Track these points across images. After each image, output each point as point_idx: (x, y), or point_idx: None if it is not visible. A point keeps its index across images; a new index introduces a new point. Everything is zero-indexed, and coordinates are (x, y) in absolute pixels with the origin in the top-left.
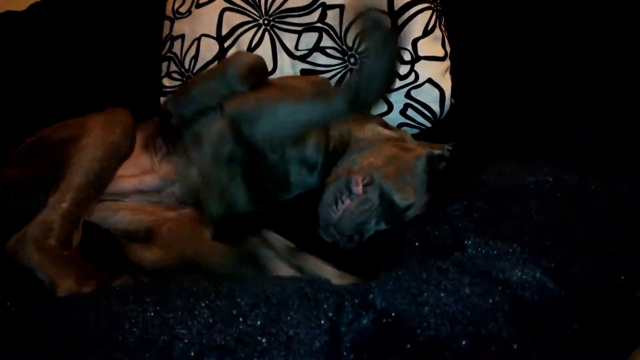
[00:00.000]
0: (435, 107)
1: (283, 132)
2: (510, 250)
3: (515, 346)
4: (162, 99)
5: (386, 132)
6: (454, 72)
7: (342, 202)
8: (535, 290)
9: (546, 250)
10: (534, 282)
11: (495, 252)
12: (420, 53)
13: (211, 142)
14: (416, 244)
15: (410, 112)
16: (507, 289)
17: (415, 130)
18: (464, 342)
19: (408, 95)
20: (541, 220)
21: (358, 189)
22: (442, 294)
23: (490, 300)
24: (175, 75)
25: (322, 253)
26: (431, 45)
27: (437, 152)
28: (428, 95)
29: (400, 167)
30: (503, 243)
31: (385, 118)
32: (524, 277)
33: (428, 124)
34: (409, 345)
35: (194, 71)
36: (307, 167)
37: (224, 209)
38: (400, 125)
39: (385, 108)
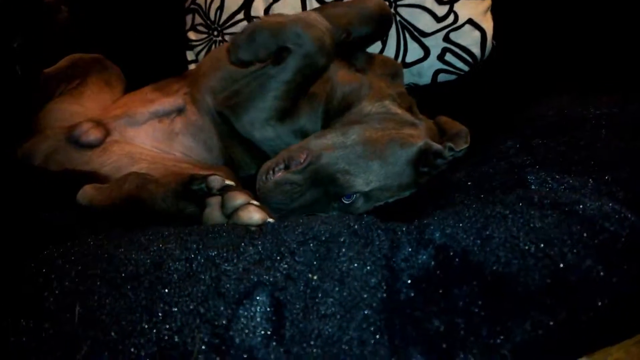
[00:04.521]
0: (476, 50)
1: None
2: (582, 183)
3: (597, 278)
4: (188, 53)
5: (398, 111)
6: (495, 10)
7: (274, 174)
8: (616, 221)
9: (623, 182)
10: (614, 213)
11: (564, 186)
12: None
13: None
14: (468, 183)
15: (448, 56)
16: (585, 220)
17: (453, 76)
18: (539, 276)
19: (447, 38)
20: (613, 151)
21: (295, 167)
22: (510, 227)
23: (568, 232)
24: (201, 28)
25: None
26: None
27: (436, 147)
28: (468, 38)
29: (369, 153)
30: (572, 176)
31: (421, 64)
32: (602, 208)
33: (467, 68)
34: (475, 281)
35: (220, 23)
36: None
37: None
38: (438, 71)
39: (421, 54)
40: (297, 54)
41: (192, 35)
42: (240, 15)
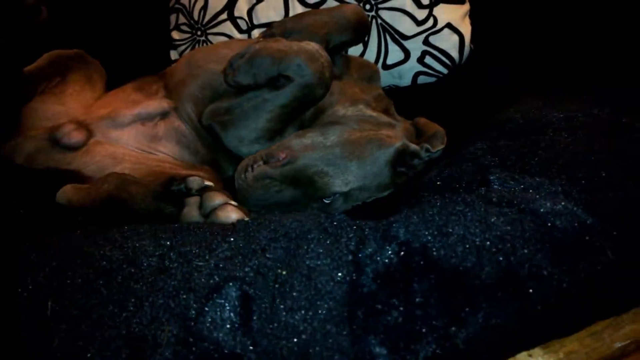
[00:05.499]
0: (454, 54)
1: None
2: (540, 183)
3: (545, 272)
4: (171, 52)
5: (373, 113)
6: (473, 16)
7: (252, 170)
8: (566, 219)
9: (577, 182)
10: (565, 211)
11: (522, 186)
12: None
13: None
14: (438, 183)
15: (428, 59)
16: (538, 218)
17: (433, 79)
18: (491, 270)
19: (426, 41)
20: (571, 153)
21: (273, 164)
22: (468, 224)
23: (520, 229)
24: (185, 28)
25: None
26: None
27: (413, 147)
28: (447, 42)
29: (347, 153)
30: (531, 177)
31: (401, 67)
32: (555, 207)
33: (446, 71)
34: (433, 275)
35: (204, 23)
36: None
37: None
38: (418, 74)
39: (402, 56)
40: (297, 84)
41: (175, 34)
42: (224, 15)
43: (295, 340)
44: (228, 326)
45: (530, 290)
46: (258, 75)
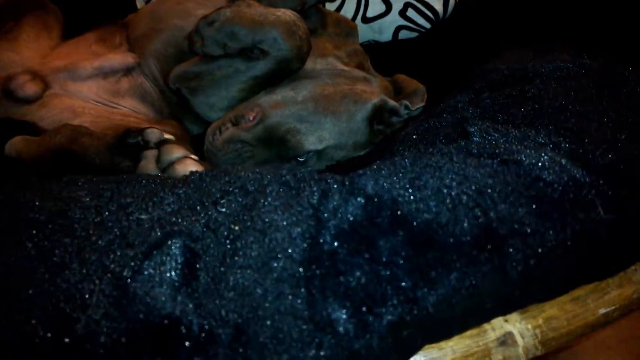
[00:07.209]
0: (438, 7)
1: None
2: (525, 134)
3: (528, 230)
4: (137, 2)
5: (345, 68)
6: None
7: (220, 133)
8: (554, 172)
9: (566, 133)
10: (552, 163)
11: (505, 137)
12: None
13: None
14: (414, 136)
15: (410, 12)
16: (522, 170)
17: (415, 34)
18: (468, 226)
19: None
20: (560, 104)
21: (243, 125)
22: (444, 177)
23: (502, 181)
24: None
25: None
26: None
27: (391, 104)
28: None
29: (321, 109)
30: (515, 128)
31: (382, 20)
32: (541, 158)
33: (428, 25)
34: (402, 231)
35: None
36: None
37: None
38: (399, 28)
39: (383, 9)
40: (272, 58)
41: None
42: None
43: (243, 301)
44: (168, 286)
45: (511, 250)
46: (229, 46)
